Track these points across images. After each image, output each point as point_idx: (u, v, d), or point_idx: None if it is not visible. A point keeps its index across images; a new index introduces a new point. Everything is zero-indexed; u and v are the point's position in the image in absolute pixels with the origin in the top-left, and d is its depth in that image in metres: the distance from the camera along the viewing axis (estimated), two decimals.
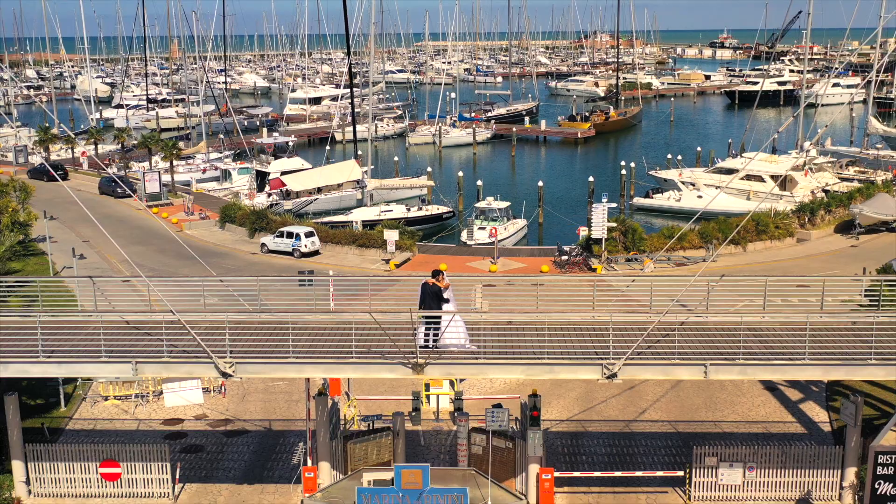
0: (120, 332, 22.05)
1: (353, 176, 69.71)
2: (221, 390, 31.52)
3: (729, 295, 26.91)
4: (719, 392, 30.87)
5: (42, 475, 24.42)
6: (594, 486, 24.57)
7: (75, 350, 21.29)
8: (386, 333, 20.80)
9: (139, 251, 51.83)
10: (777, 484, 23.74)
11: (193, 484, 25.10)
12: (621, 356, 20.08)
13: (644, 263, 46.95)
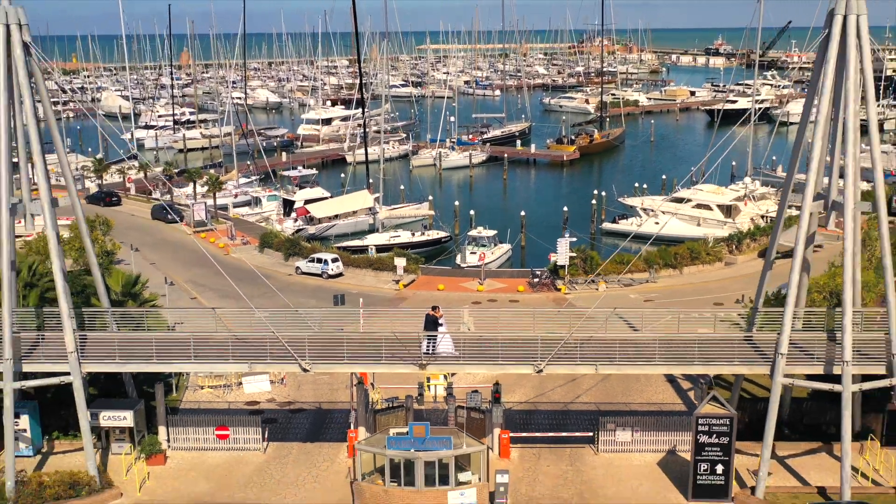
0: (238, 343, 34.98)
1: (366, 204, 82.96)
2: (283, 382, 44.54)
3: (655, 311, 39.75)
4: (634, 384, 43.82)
5: (177, 435, 37.41)
6: (537, 443, 37.50)
7: (213, 354, 34.33)
8: (402, 344, 33.80)
9: (198, 273, 64.78)
10: (654, 440, 36.71)
11: (274, 442, 38.09)
12: (545, 359, 33.05)
13: (599, 284, 59.95)
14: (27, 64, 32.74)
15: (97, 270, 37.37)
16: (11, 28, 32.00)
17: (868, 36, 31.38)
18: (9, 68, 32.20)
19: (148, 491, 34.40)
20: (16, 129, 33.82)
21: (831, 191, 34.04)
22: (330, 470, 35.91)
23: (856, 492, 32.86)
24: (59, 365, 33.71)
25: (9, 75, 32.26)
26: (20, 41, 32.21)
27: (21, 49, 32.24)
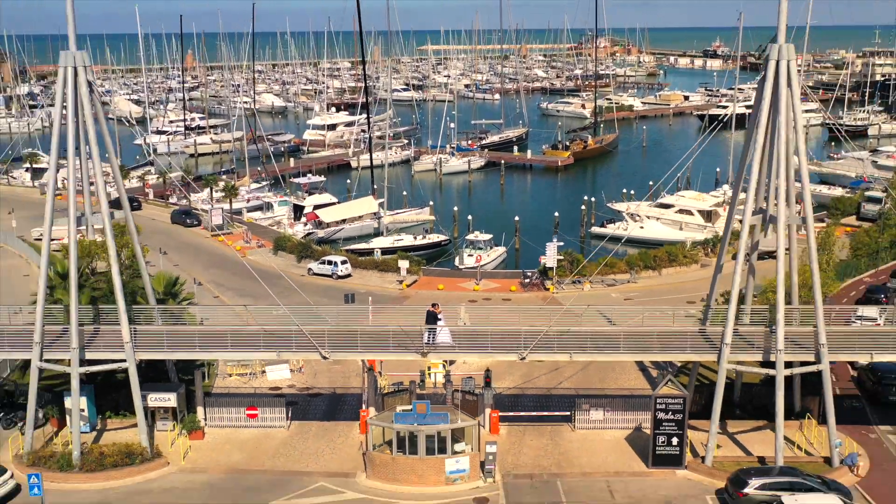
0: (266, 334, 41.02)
1: (371, 209, 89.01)
2: (301, 370, 50.61)
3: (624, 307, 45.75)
4: (610, 372, 49.87)
5: (212, 414, 43.46)
6: (522, 422, 43.53)
7: (246, 344, 40.41)
8: (407, 336, 39.85)
9: (218, 274, 70.84)
10: (622, 419, 42.74)
11: (296, 421, 44.14)
12: (527, 348, 39.11)
13: (584, 284, 65.98)
14: (91, 99, 38.80)
15: (146, 274, 43.47)
16: (78, 69, 38.09)
17: (797, 78, 37.40)
18: (76, 102, 38.29)
19: (190, 460, 40.47)
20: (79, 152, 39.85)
21: (769, 207, 39.90)
22: (345, 443, 41.98)
23: (790, 460, 38.88)
24: (116, 353, 39.79)
25: (76, 107, 38.34)
26: (85, 80, 38.31)
27: (86, 86, 38.35)
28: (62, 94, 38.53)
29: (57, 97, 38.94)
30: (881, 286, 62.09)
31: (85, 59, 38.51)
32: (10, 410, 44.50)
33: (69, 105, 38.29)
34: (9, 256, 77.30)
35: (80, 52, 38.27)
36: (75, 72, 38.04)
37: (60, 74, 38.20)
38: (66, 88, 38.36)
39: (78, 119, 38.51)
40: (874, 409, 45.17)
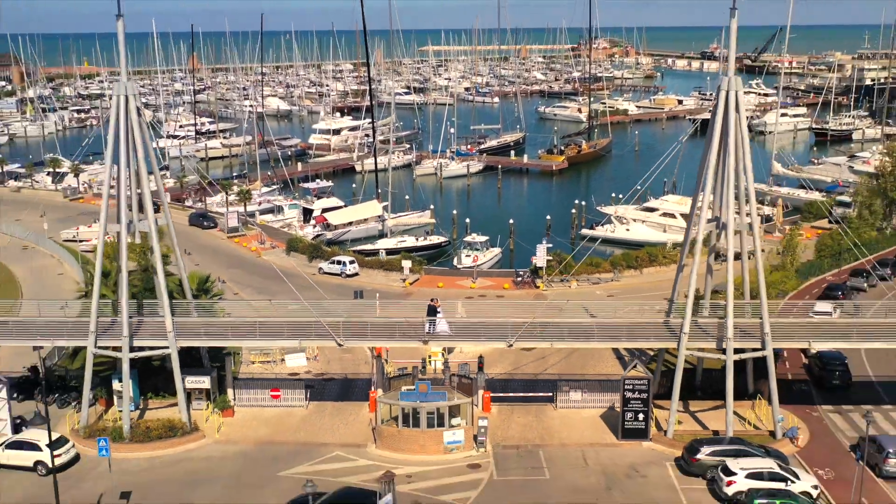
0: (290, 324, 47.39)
1: (375, 212, 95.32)
2: (316, 358, 56.95)
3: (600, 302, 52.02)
4: (590, 360, 56.17)
5: (241, 395, 49.82)
6: (511, 402, 49.88)
7: (272, 333, 46.79)
8: (410, 326, 46.20)
9: (235, 273, 77.06)
10: (598, 399, 49.06)
11: (314, 401, 50.49)
12: (514, 336, 45.47)
13: (571, 283, 72.30)
14: (139, 121, 45.16)
15: (184, 272, 49.82)
16: (130, 98, 44.44)
17: (743, 105, 43.74)
18: (127, 125, 44.64)
19: (223, 434, 46.86)
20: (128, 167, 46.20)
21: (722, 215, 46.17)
22: (356, 420, 48.37)
23: (740, 433, 45.18)
24: (160, 341, 46.16)
25: (127, 130, 44.70)
26: (135, 107, 44.67)
27: (136, 112, 44.71)
28: (116, 117, 44.80)
29: (111, 120, 45.24)
30: (841, 284, 68.44)
31: (135, 87, 44.85)
32: (64, 392, 50.93)
33: (121, 127, 44.57)
34: (42, 257, 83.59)
35: (130, 82, 44.64)
36: (127, 99, 44.34)
37: (114, 101, 44.53)
38: (119, 112, 44.63)
39: (128, 138, 44.76)
40: (819, 392, 51.55)
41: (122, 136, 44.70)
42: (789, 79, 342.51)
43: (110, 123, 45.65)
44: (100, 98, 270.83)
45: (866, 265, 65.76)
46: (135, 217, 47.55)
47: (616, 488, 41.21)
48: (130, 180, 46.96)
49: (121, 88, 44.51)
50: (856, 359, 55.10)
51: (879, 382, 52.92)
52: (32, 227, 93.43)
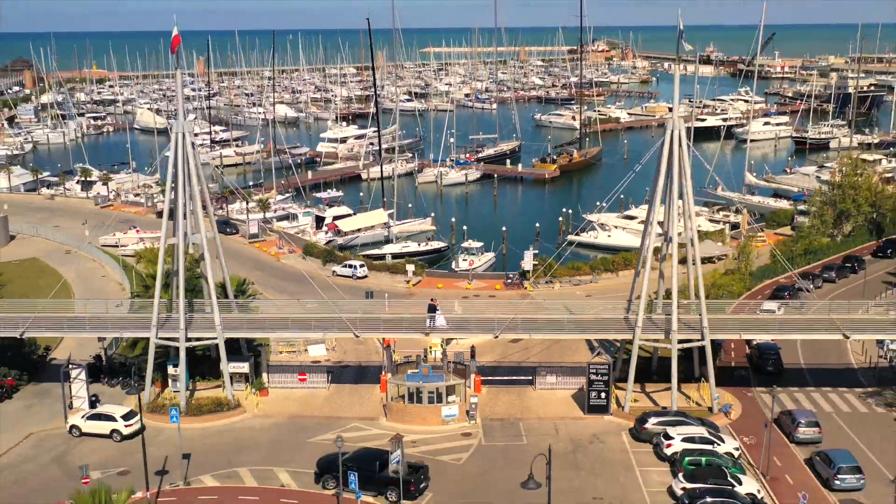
0: (316, 319, 57.47)
1: (381, 220, 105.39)
2: (334, 349, 67.03)
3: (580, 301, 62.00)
4: (567, 351, 66.18)
5: (273, 379, 59.92)
6: (498, 384, 59.97)
7: (302, 326, 56.92)
8: (414, 320, 56.31)
9: (258, 276, 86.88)
10: (570, 383, 59.11)
11: (334, 384, 60.62)
12: (500, 329, 55.54)
13: (554, 284, 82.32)
14: (194, 156, 55.19)
15: (227, 276, 59.83)
16: (186, 135, 54.50)
17: (686, 140, 53.73)
18: (185, 158, 54.70)
19: (261, 410, 56.95)
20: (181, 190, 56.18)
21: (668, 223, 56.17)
22: (370, 399, 58.46)
23: (684, 409, 55.11)
24: (209, 333, 56.23)
25: (185, 162, 54.74)
26: (190, 142, 54.72)
27: (190, 147, 54.75)
28: (175, 150, 54.74)
29: (171, 152, 55.05)
30: (789, 286, 78.41)
31: (190, 125, 54.90)
32: (126, 377, 61.00)
33: (180, 158, 54.60)
34: (85, 261, 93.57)
35: (187, 121, 54.70)
36: (184, 136, 54.41)
37: (173, 138, 54.49)
38: (177, 146, 54.63)
39: (185, 167, 54.79)
40: (756, 376, 61.59)
41: (180, 166, 54.68)
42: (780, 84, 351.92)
43: (170, 155, 55.55)
44: (113, 104, 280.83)
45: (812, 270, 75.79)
46: (189, 231, 57.28)
47: (580, 452, 51.28)
48: (186, 201, 56.73)
49: (178, 127, 54.55)
50: (792, 349, 65.21)
51: (808, 369, 63.01)
52: (71, 232, 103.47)
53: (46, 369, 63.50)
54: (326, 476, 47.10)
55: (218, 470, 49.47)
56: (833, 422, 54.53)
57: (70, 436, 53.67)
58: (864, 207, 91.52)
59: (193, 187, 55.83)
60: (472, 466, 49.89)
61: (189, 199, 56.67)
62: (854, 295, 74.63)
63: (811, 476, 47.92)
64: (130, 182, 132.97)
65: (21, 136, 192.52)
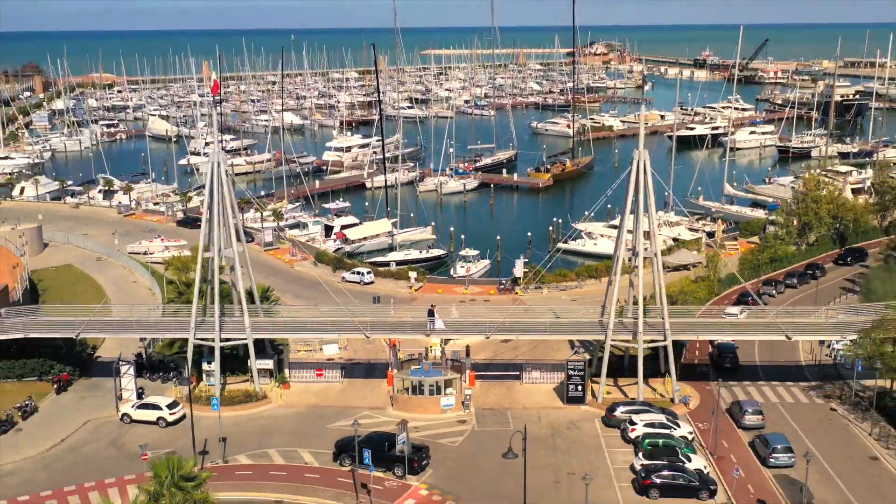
0: (332, 322, 66.37)
1: (386, 229, 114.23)
2: (346, 348, 75.89)
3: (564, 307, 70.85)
4: (550, 350, 74.98)
5: (294, 374, 68.82)
6: (489, 379, 68.82)
7: (320, 328, 65.84)
8: (416, 323, 65.21)
9: (275, 281, 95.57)
10: (552, 377, 67.95)
11: (347, 378, 69.52)
12: (490, 331, 64.43)
13: (543, 290, 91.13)
14: (227, 180, 64.01)
15: (254, 284, 68.64)
16: (220, 163, 63.33)
17: (650, 169, 62.54)
18: (220, 184, 63.52)
19: (284, 401, 65.81)
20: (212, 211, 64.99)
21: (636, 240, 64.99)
22: (378, 391, 67.30)
23: (649, 399, 63.93)
24: (240, 334, 65.09)
25: (220, 187, 63.57)
26: (224, 170, 63.56)
27: (224, 174, 63.58)
28: (211, 176, 63.49)
29: (207, 178, 63.85)
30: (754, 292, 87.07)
31: (223, 155, 63.73)
32: (165, 372, 69.80)
33: (215, 183, 63.40)
34: (116, 267, 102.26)
35: (220, 152, 63.57)
36: (218, 165, 63.23)
37: (210, 167, 63.27)
38: (213, 172, 63.39)
39: (219, 191, 63.61)
40: (716, 372, 70.36)
41: (216, 191, 63.50)
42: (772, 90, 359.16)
43: (206, 180, 64.33)
44: (123, 110, 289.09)
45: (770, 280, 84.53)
46: (223, 246, 66.03)
47: (558, 436, 60.14)
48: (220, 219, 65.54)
49: (213, 157, 63.41)
50: (750, 348, 74.07)
51: (761, 366, 71.88)
52: (99, 240, 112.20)
53: (94, 365, 72.31)
54: (343, 455, 56.00)
55: (250, 450, 58.33)
56: (777, 411, 63.43)
57: (121, 423, 62.51)
58: (826, 219, 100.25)
59: (227, 209, 64.57)
60: (466, 448, 58.77)
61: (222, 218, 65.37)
62: (811, 300, 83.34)
63: (752, 455, 56.79)
64: (150, 192, 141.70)
65: (40, 145, 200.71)
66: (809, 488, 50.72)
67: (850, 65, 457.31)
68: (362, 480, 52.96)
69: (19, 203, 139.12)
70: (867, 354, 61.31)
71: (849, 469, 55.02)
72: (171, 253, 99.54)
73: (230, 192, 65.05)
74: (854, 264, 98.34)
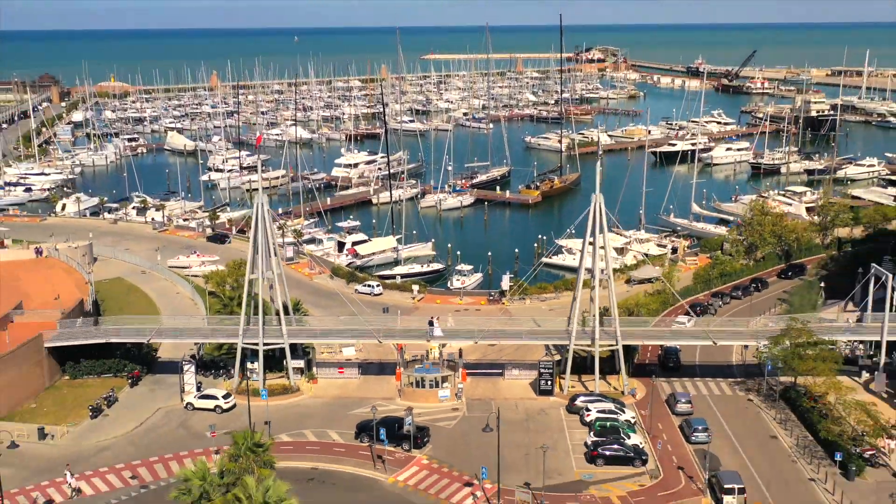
0: (350, 329, 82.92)
1: (391, 245, 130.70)
2: (360, 350, 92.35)
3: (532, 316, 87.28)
4: (528, 352, 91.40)
5: (321, 371, 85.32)
6: (478, 375, 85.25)
7: (342, 333, 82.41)
8: (419, 330, 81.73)
9: (296, 293, 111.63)
10: (528, 374, 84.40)
11: (363, 375, 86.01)
12: (478, 337, 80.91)
13: (526, 300, 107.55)
14: (270, 217, 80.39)
15: (288, 297, 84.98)
16: (263, 203, 79.72)
17: (604, 209, 78.91)
18: (262, 218, 79.89)
19: (313, 393, 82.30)
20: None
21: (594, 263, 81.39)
22: (388, 385, 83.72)
23: (605, 392, 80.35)
24: (278, 339, 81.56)
25: (265, 223, 79.90)
26: (267, 208, 80.00)
27: (267, 212, 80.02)
28: (256, 214, 79.82)
29: (254, 215, 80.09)
30: (701, 303, 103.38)
31: (267, 200, 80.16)
32: (216, 370, 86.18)
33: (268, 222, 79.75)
34: (159, 280, 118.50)
35: (264, 195, 79.93)
36: (262, 204, 79.60)
37: (255, 208, 79.62)
38: (257, 210, 79.72)
39: (264, 225, 79.99)
40: (662, 370, 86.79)
41: (260, 226, 79.88)
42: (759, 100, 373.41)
43: (253, 217, 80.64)
44: (140, 122, 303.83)
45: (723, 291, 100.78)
46: (264, 267, 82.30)
47: (530, 420, 76.55)
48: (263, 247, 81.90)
49: (258, 199, 79.76)
50: (693, 351, 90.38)
51: (699, 365, 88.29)
52: (141, 255, 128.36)
53: (156, 364, 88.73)
54: (363, 434, 72.44)
55: (290, 431, 74.78)
56: (706, 401, 79.87)
57: (186, 410, 78.94)
58: (770, 239, 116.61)
59: (269, 240, 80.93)
60: (457, 429, 75.20)
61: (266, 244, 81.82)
62: (751, 310, 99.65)
63: (679, 435, 73.22)
64: (179, 208, 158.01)
65: (69, 160, 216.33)
66: (717, 456, 67.28)
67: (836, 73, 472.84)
68: (378, 453, 69.43)
69: (63, 219, 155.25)
70: (774, 356, 77.72)
71: (752, 445, 71.51)
72: (207, 267, 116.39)
73: (271, 227, 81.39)
74: (794, 278, 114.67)
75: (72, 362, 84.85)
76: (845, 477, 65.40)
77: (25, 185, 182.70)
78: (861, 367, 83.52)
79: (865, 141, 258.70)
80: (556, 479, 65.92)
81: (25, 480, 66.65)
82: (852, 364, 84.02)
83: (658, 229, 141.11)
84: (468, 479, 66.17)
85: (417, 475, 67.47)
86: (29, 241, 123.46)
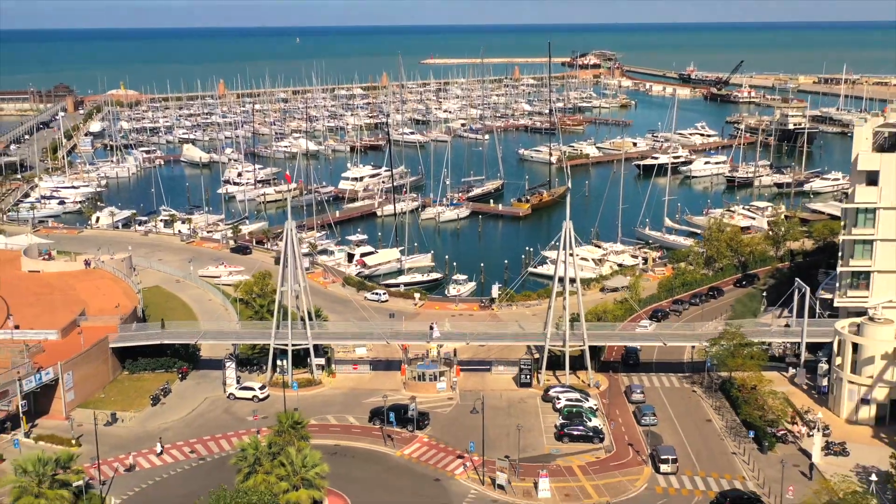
0: (363, 332, 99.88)
1: (395, 257, 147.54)
2: (370, 350, 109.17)
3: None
4: (510, 351, 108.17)
5: (339, 367, 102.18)
6: (469, 371, 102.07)
7: (356, 336, 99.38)
8: (420, 333, 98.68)
9: (313, 300, 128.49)
10: (512, 369, 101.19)
11: (374, 370, 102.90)
12: (469, 338, 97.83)
13: (513, 307, 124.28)
14: (297, 239, 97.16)
15: (311, 306, 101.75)
16: (292, 228, 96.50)
17: (573, 233, 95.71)
18: (292, 242, 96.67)
19: (333, 385, 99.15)
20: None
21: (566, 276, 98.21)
22: (394, 379, 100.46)
23: (574, 384, 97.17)
24: (303, 340, 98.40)
25: (293, 245, 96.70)
26: (295, 234, 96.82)
27: (295, 237, 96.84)
28: (286, 237, 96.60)
29: (285, 236, 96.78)
30: (662, 309, 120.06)
31: (294, 224, 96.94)
32: (251, 366, 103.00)
33: (295, 247, 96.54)
34: (193, 288, 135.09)
35: (293, 222, 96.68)
36: (291, 230, 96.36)
37: (286, 233, 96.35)
38: (287, 233, 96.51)
39: (293, 247, 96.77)
40: (623, 366, 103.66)
41: (289, 248, 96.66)
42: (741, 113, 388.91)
43: (284, 239, 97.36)
44: (155, 134, 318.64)
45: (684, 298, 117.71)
46: (292, 282, 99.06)
47: (512, 407, 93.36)
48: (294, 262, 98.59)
49: (288, 225, 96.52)
50: (651, 350, 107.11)
51: (655, 362, 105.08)
52: (173, 265, 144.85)
53: (199, 362, 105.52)
54: (375, 418, 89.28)
55: (315, 416, 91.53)
56: (657, 392, 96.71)
57: (228, 399, 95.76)
58: (725, 252, 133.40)
59: (297, 258, 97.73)
60: (452, 414, 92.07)
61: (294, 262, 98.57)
62: (708, 316, 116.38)
63: (632, 418, 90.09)
64: (203, 221, 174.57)
65: (95, 172, 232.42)
66: (660, 435, 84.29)
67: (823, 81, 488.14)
68: (388, 432, 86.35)
69: (98, 231, 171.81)
70: (713, 355, 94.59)
71: (690, 426, 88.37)
72: (235, 277, 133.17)
73: (298, 248, 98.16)
74: (747, 286, 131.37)
75: (130, 360, 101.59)
76: (760, 451, 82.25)
77: (59, 199, 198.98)
78: (788, 364, 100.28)
79: (841, 153, 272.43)
80: (530, 453, 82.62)
81: (105, 454, 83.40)
82: (781, 361, 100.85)
83: (634, 241, 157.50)
84: (460, 453, 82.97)
85: (420, 450, 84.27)
86: (75, 253, 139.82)
